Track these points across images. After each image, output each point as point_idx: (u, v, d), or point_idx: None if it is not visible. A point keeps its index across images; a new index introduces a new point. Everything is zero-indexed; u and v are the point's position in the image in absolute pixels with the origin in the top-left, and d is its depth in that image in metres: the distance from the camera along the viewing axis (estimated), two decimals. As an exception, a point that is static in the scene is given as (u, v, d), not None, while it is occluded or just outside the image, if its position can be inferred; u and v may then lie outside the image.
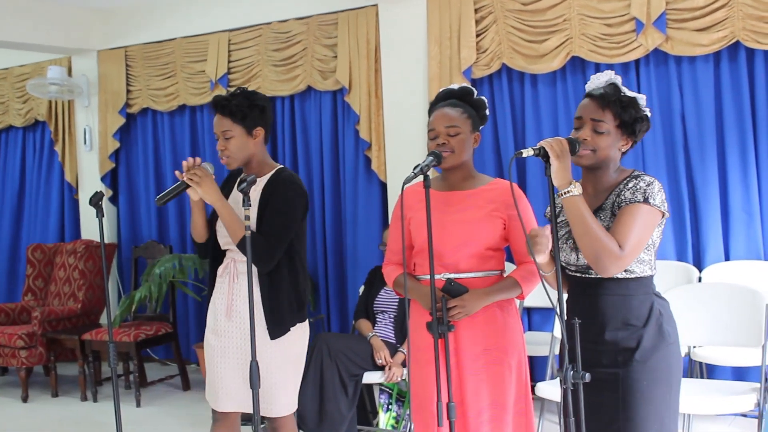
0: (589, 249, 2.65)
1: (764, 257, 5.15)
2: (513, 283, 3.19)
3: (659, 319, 2.74)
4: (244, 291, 3.54)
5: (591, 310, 2.77)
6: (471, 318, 3.13)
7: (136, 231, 7.78)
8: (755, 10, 4.95)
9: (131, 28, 7.53)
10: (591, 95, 2.81)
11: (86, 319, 7.15)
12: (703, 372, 5.14)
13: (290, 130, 6.87)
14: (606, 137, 2.75)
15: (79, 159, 7.91)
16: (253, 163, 3.67)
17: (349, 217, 6.54)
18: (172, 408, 6.29)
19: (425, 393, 3.21)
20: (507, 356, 3.19)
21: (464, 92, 3.34)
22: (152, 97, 7.49)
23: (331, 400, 4.90)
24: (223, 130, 3.59)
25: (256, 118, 3.62)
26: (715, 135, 5.25)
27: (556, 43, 5.57)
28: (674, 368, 2.77)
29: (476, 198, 3.22)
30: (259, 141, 3.65)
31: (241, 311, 3.57)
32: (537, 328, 5.88)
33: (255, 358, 3.16)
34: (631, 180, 2.75)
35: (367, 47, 6.29)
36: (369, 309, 5.36)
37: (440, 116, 3.24)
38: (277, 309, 3.55)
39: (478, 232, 3.17)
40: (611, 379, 2.73)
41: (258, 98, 3.67)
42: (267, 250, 3.48)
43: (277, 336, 3.54)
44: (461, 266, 3.18)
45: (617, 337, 2.73)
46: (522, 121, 5.86)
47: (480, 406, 3.15)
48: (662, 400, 2.72)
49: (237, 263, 3.62)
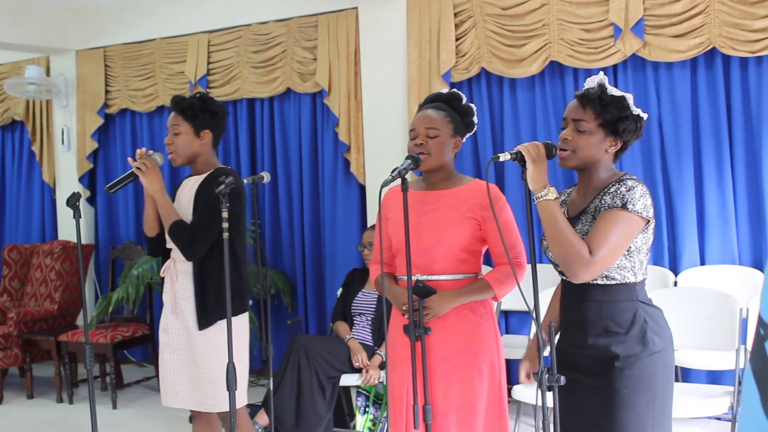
0: (558, 253, 2.64)
1: (739, 262, 5.20)
2: (485, 285, 3.19)
3: (643, 326, 2.68)
4: (185, 289, 3.75)
5: (575, 314, 2.77)
6: (442, 320, 3.14)
7: (114, 232, 7.75)
8: (731, 18, 5.01)
9: (110, 28, 7.50)
10: (576, 95, 2.80)
11: (62, 321, 7.11)
12: (678, 375, 5.18)
13: (269, 132, 6.87)
14: (587, 136, 2.71)
15: (57, 159, 7.87)
16: (198, 163, 3.87)
17: (328, 220, 6.55)
18: (148, 410, 6.26)
19: (399, 394, 3.22)
20: (478, 359, 3.18)
21: (452, 97, 3.35)
22: (131, 98, 7.46)
23: (308, 403, 4.90)
24: (173, 124, 3.81)
25: (206, 121, 3.83)
26: (692, 141, 5.29)
27: (535, 48, 5.60)
28: (659, 376, 2.70)
29: (451, 198, 3.22)
30: (205, 143, 3.85)
31: (183, 309, 3.75)
32: (514, 331, 5.90)
33: (231, 359, 3.18)
34: (614, 184, 2.70)
35: (347, 50, 6.30)
36: (347, 311, 5.37)
37: (422, 117, 3.25)
38: (206, 301, 3.69)
39: (450, 234, 3.17)
40: (592, 384, 2.71)
41: (213, 104, 3.88)
42: (191, 240, 3.67)
43: (204, 326, 3.69)
44: (434, 268, 3.18)
45: (599, 342, 2.71)
46: (501, 126, 5.89)
47: (448, 408, 3.15)
48: (645, 408, 2.67)
49: (177, 263, 3.81)
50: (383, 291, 3.10)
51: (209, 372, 3.65)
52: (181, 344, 3.77)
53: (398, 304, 3.19)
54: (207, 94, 3.96)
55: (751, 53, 4.99)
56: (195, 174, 3.89)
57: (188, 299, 3.73)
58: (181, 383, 3.78)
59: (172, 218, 3.71)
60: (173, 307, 3.79)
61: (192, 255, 3.70)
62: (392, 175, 2.96)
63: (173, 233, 3.69)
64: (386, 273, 3.32)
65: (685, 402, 4.15)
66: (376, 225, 3.42)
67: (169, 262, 3.85)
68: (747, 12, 4.97)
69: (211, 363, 3.64)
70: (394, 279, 3.33)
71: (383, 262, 3.27)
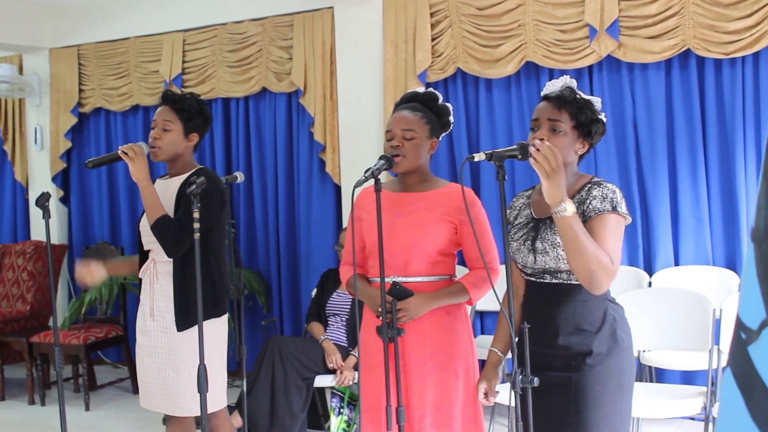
0: (584, 268, 2.57)
1: (713, 263, 5.23)
2: (461, 289, 3.19)
3: (613, 324, 2.72)
4: (165, 291, 3.68)
5: (545, 315, 2.77)
6: (417, 322, 3.12)
7: (88, 232, 7.68)
8: (706, 19, 5.03)
9: (84, 27, 7.44)
10: (548, 97, 2.80)
11: (35, 322, 7.03)
12: (652, 376, 5.20)
13: (244, 132, 6.83)
14: (563, 137, 2.73)
15: (30, 159, 7.79)
16: (179, 164, 3.80)
17: (303, 220, 6.52)
18: (121, 411, 6.21)
19: (373, 397, 3.20)
20: (453, 361, 3.18)
21: (429, 97, 3.32)
22: (105, 97, 7.40)
23: (282, 404, 4.88)
24: (166, 119, 3.72)
25: (198, 125, 3.78)
26: (666, 141, 5.31)
27: (511, 48, 5.60)
28: (626, 373, 2.76)
29: (427, 201, 3.21)
30: (191, 145, 3.80)
31: (163, 310, 3.68)
32: (489, 332, 5.89)
33: (203, 361, 3.16)
34: (594, 187, 2.71)
35: (323, 49, 6.27)
36: (321, 312, 5.34)
37: (398, 119, 3.23)
38: (186, 302, 3.61)
39: (427, 236, 3.16)
40: (563, 383, 2.72)
41: (206, 108, 3.84)
42: (178, 236, 3.56)
43: (183, 328, 3.62)
44: (410, 269, 3.17)
45: (570, 342, 2.72)
46: (476, 126, 5.89)
47: (424, 410, 3.14)
48: (614, 405, 2.71)
49: (157, 264, 3.73)
50: (356, 293, 3.07)
51: (190, 374, 3.55)
52: (160, 347, 3.69)
53: (374, 305, 3.16)
54: (199, 96, 3.88)
55: (725, 55, 5.02)
56: (173, 175, 3.80)
57: (169, 300, 3.65)
58: (158, 387, 3.70)
59: (159, 212, 3.58)
60: (151, 309, 3.71)
61: (175, 252, 3.59)
62: (365, 176, 2.94)
63: (158, 228, 3.56)
64: (358, 274, 3.30)
65: (659, 402, 4.15)
66: (348, 225, 3.40)
67: (149, 263, 3.77)
68: (721, 14, 4.99)
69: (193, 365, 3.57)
70: (366, 281, 3.31)
71: (356, 264, 3.24)
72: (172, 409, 3.69)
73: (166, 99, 3.77)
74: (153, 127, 3.74)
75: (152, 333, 3.72)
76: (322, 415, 5.33)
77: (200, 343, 3.14)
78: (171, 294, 3.64)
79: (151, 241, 3.68)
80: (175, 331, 3.62)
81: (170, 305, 3.64)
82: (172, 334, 3.64)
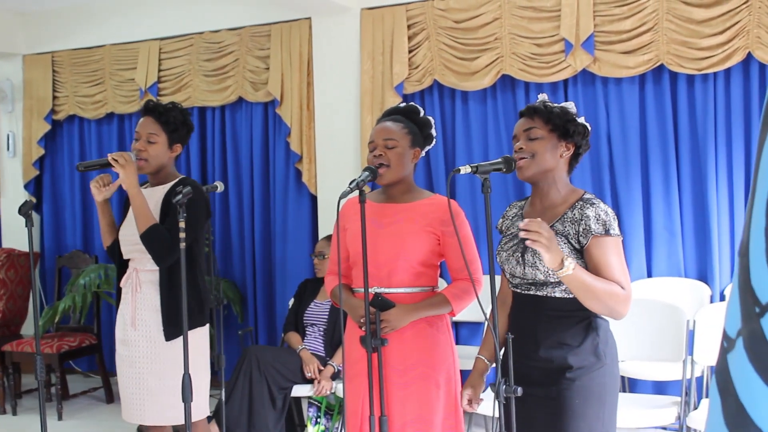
0: (602, 309, 2.68)
1: (685, 274, 5.30)
2: (443, 300, 3.21)
3: (595, 339, 2.75)
4: (148, 300, 3.65)
5: (529, 327, 2.80)
6: (399, 333, 3.14)
7: (60, 240, 7.62)
8: (679, 35, 5.12)
9: (59, 34, 7.40)
10: (521, 113, 2.89)
11: (6, 330, 6.95)
12: (626, 386, 5.26)
13: (220, 141, 6.83)
14: (540, 141, 2.78)
15: (2, 166, 7.73)
16: (162, 174, 3.79)
17: (279, 230, 6.53)
18: (94, 421, 6.17)
19: (355, 404, 3.22)
20: (435, 372, 3.20)
21: (410, 110, 3.37)
22: (79, 104, 7.36)
23: (259, 413, 4.88)
24: (150, 132, 3.70)
25: (182, 136, 3.80)
26: (639, 155, 5.39)
27: (487, 61, 5.66)
28: (608, 387, 2.77)
29: (411, 212, 3.24)
30: (173, 156, 3.80)
31: (146, 320, 3.65)
32: (464, 342, 5.93)
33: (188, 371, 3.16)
34: (587, 206, 2.75)
35: (300, 60, 6.30)
36: (299, 322, 5.35)
37: (380, 129, 3.28)
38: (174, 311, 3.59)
39: (410, 247, 3.18)
40: (544, 395, 2.75)
41: (189, 118, 3.85)
42: (169, 245, 3.55)
43: (171, 337, 3.60)
44: (393, 280, 3.19)
45: (551, 355, 2.75)
46: (453, 138, 5.93)
47: (405, 421, 3.16)
48: (595, 418, 2.73)
49: (139, 273, 3.70)
50: (340, 303, 3.10)
51: (174, 383, 3.53)
52: (142, 356, 3.66)
53: (356, 316, 3.18)
54: (181, 105, 3.87)
55: (698, 71, 5.10)
56: (154, 184, 3.79)
57: (153, 309, 3.62)
58: (141, 398, 3.67)
59: (149, 221, 3.55)
60: (133, 319, 3.67)
61: (165, 261, 3.58)
62: (350, 187, 2.98)
63: (149, 237, 3.54)
64: (343, 284, 3.32)
65: (633, 412, 4.21)
66: (333, 236, 3.43)
67: (130, 272, 3.73)
68: (694, 30, 5.09)
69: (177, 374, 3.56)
70: (350, 291, 3.34)
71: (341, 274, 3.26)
72: (153, 418, 3.67)
73: (149, 110, 3.74)
74: (137, 138, 3.71)
75: (133, 342, 3.69)
76: (299, 425, 5.34)
77: (185, 352, 3.15)
78: (156, 303, 3.62)
79: (133, 250, 3.66)
80: (161, 340, 3.60)
81: (155, 314, 3.62)
82: (157, 342, 3.62)
